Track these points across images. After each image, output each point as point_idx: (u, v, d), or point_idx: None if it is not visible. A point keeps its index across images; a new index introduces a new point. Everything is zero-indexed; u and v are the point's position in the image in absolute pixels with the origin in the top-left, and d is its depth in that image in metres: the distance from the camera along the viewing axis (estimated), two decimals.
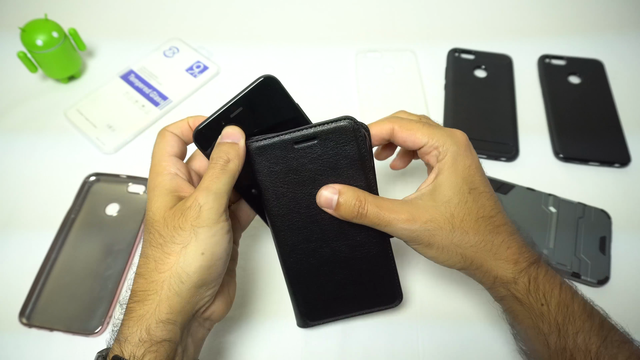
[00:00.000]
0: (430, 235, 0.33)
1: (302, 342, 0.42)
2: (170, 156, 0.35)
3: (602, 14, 0.67)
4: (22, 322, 0.42)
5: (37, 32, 0.52)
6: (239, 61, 0.61)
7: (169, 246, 0.30)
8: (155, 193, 0.33)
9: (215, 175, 0.32)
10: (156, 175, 0.34)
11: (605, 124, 0.54)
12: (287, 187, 0.34)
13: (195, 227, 0.30)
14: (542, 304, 0.32)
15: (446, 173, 0.34)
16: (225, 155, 0.32)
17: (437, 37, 0.64)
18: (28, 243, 0.47)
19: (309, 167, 0.34)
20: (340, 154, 0.34)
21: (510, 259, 0.33)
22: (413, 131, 0.35)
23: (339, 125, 0.33)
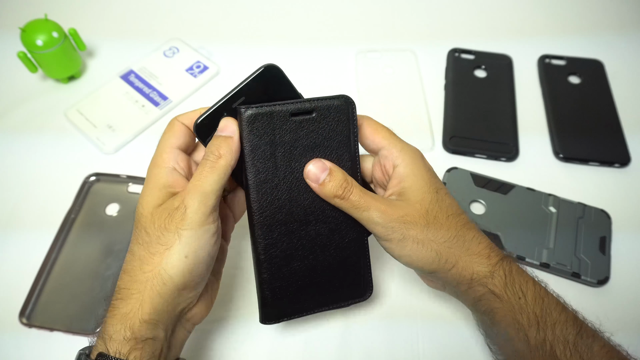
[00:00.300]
0: (406, 228, 0.33)
1: (302, 342, 0.42)
2: (173, 148, 0.34)
3: (602, 14, 0.67)
4: (22, 322, 0.42)
5: (37, 32, 0.52)
6: (239, 61, 0.61)
7: (153, 246, 0.30)
8: (148, 186, 0.32)
9: (205, 173, 0.31)
10: (154, 167, 0.33)
11: (605, 124, 0.55)
12: (273, 161, 0.33)
13: (179, 230, 0.30)
14: (520, 297, 0.32)
15: (412, 176, 0.35)
16: (217, 150, 0.32)
17: (437, 37, 0.64)
18: (28, 243, 0.47)
19: (301, 142, 0.34)
20: (334, 130, 0.34)
21: (482, 254, 0.34)
22: (377, 131, 0.36)
23: (337, 103, 0.34)
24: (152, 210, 0.31)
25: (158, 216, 0.30)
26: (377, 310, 0.43)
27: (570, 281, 0.44)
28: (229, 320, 0.42)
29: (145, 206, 0.31)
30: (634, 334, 0.42)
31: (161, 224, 0.30)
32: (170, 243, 0.30)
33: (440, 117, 0.56)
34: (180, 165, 0.34)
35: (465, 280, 0.34)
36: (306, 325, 0.42)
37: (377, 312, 0.43)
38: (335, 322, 0.42)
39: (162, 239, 0.30)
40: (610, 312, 0.43)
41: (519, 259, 0.45)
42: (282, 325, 0.42)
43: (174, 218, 0.30)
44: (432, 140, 0.54)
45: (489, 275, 0.33)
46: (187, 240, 0.30)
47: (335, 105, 0.34)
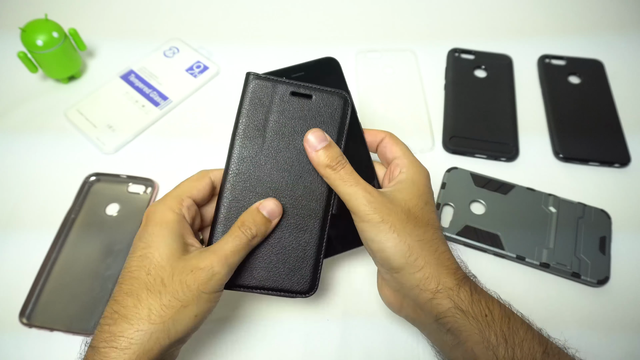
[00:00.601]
0: (387, 213, 0.33)
1: (302, 342, 0.42)
2: (189, 198, 0.35)
3: (602, 14, 0.67)
4: (22, 322, 0.42)
5: (37, 32, 0.52)
6: (239, 61, 0.61)
7: (168, 299, 0.30)
8: (162, 232, 0.32)
9: (238, 248, 0.32)
10: (166, 209, 0.33)
11: (605, 124, 0.55)
12: (262, 132, 0.36)
13: (201, 292, 0.30)
14: (486, 315, 0.32)
15: (407, 182, 0.36)
16: (256, 229, 0.33)
17: (437, 37, 0.64)
18: (28, 243, 0.47)
19: (293, 121, 0.36)
20: (326, 121, 0.36)
21: (450, 268, 0.34)
22: (396, 144, 0.39)
23: (336, 94, 0.37)
24: (172, 261, 0.31)
25: (179, 271, 0.31)
26: (377, 310, 0.43)
27: (570, 281, 0.44)
28: (229, 320, 0.42)
29: (163, 255, 0.31)
30: (634, 334, 0.42)
31: (182, 280, 0.30)
32: (188, 302, 0.30)
33: (440, 117, 0.56)
34: (190, 216, 0.34)
35: (430, 287, 0.33)
36: (306, 325, 0.42)
37: (377, 312, 0.43)
38: (335, 322, 0.42)
39: (180, 295, 0.30)
40: (610, 312, 0.43)
41: (519, 259, 0.45)
42: (281, 324, 0.42)
43: (198, 279, 0.30)
44: (432, 140, 0.54)
45: (455, 288, 0.32)
46: (204, 302, 0.31)
47: (334, 95, 0.37)
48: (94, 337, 0.30)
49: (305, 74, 0.39)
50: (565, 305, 0.43)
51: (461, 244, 0.46)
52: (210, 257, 0.31)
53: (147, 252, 0.31)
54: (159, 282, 0.30)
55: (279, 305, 0.43)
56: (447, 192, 0.49)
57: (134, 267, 0.31)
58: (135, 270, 0.31)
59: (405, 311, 0.36)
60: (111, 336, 0.29)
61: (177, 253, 0.31)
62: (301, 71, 0.39)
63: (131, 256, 0.32)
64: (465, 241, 0.46)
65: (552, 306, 0.43)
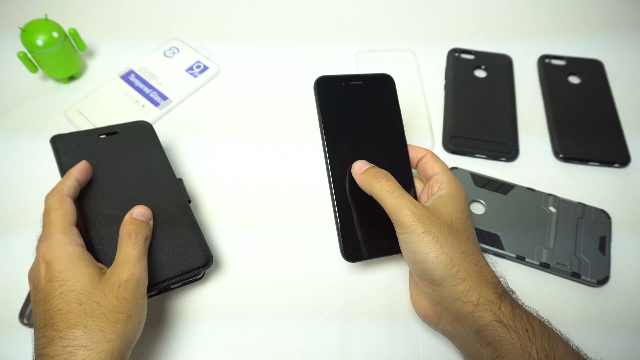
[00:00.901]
0: (431, 224, 0.35)
1: (301, 341, 0.42)
2: (72, 226, 0.36)
3: (602, 14, 0.67)
4: (22, 322, 0.42)
5: (37, 32, 0.52)
6: (239, 61, 0.61)
7: (114, 315, 0.31)
8: (73, 265, 0.33)
9: (141, 252, 0.35)
10: (65, 245, 0.34)
11: (605, 124, 0.55)
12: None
13: (137, 299, 0.33)
14: (527, 329, 0.32)
15: (449, 196, 0.38)
16: (144, 232, 0.37)
17: (437, 37, 0.64)
18: (28, 243, 0.46)
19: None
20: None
21: (491, 282, 0.34)
22: (437, 161, 0.41)
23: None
24: (97, 285, 0.33)
25: (109, 290, 0.32)
26: (377, 310, 0.43)
27: (570, 281, 0.44)
28: (229, 320, 0.42)
29: (87, 283, 0.32)
30: (634, 333, 0.42)
31: (117, 295, 0.32)
32: (130, 311, 0.32)
33: (440, 117, 0.56)
34: (82, 242, 0.36)
35: (471, 300, 0.33)
36: (306, 325, 0.42)
37: (377, 312, 0.43)
38: (335, 322, 0.42)
39: (122, 308, 0.32)
40: (610, 312, 0.43)
41: (518, 259, 0.45)
42: (281, 324, 0.42)
43: (129, 289, 0.33)
44: (432, 140, 0.54)
45: (497, 302, 0.33)
46: (141, 307, 0.34)
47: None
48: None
49: (363, 83, 0.42)
50: (565, 305, 0.43)
51: None
52: (127, 267, 0.34)
53: (67, 287, 0.32)
54: (96, 305, 0.31)
55: (279, 305, 0.43)
56: None
57: (59, 304, 0.31)
58: (65, 306, 0.31)
59: (442, 325, 0.36)
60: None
61: (96, 277, 0.33)
62: (360, 80, 0.42)
63: (48, 299, 0.32)
64: None
65: (552, 306, 0.43)
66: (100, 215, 0.40)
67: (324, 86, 0.42)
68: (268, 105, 0.57)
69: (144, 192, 0.42)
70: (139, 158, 0.45)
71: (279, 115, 0.56)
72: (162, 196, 0.42)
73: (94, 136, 0.45)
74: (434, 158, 0.41)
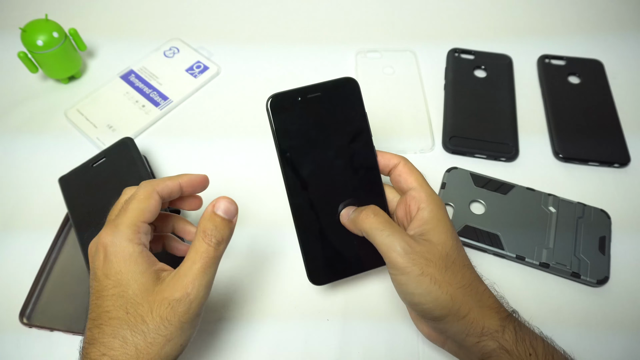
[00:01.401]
0: (426, 264, 0.33)
1: (302, 341, 0.42)
2: (144, 224, 0.33)
3: (602, 14, 0.67)
4: (22, 322, 0.42)
5: (37, 32, 0.52)
6: (239, 61, 0.61)
7: (152, 336, 0.29)
8: (129, 268, 0.31)
9: (207, 264, 0.31)
10: (127, 242, 0.31)
11: (605, 124, 0.54)
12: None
13: (183, 323, 0.30)
14: (530, 354, 0.31)
15: (435, 220, 0.35)
16: (220, 235, 0.32)
17: (437, 37, 0.64)
18: (28, 243, 0.47)
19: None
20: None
21: (493, 307, 0.33)
22: (412, 172, 0.38)
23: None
24: (147, 297, 0.30)
25: (157, 306, 0.30)
26: (377, 310, 0.43)
27: (570, 281, 0.44)
28: (229, 320, 0.42)
29: (137, 292, 0.30)
30: (634, 333, 0.42)
31: (162, 315, 0.30)
32: (171, 335, 0.30)
33: (440, 117, 0.56)
34: (148, 241, 0.33)
35: (475, 332, 0.32)
36: (306, 325, 0.42)
37: (377, 312, 0.43)
38: (335, 322, 0.42)
39: (162, 330, 0.30)
40: (609, 312, 0.43)
41: (518, 259, 0.45)
42: (281, 324, 0.42)
43: (177, 311, 0.30)
44: (432, 140, 0.54)
45: (500, 330, 0.32)
46: (187, 331, 0.31)
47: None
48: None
49: (321, 94, 0.37)
50: (565, 305, 0.43)
51: None
52: (183, 284, 0.30)
53: (120, 291, 0.30)
54: (140, 320, 0.30)
55: (279, 305, 0.43)
56: (447, 192, 0.49)
57: (109, 307, 0.30)
58: (113, 310, 0.30)
59: (448, 347, 0.36)
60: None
61: (149, 287, 0.30)
62: (318, 91, 0.37)
63: (102, 295, 0.31)
64: (465, 241, 0.46)
65: (552, 306, 0.43)
66: None
67: (278, 105, 0.36)
68: None
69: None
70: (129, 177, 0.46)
71: None
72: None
73: (88, 168, 0.47)
74: (408, 168, 0.38)
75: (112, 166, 0.47)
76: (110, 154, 0.48)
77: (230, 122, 0.56)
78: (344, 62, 0.61)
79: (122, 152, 0.48)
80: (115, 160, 0.48)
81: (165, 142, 0.54)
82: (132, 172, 0.46)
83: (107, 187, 0.46)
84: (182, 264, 0.31)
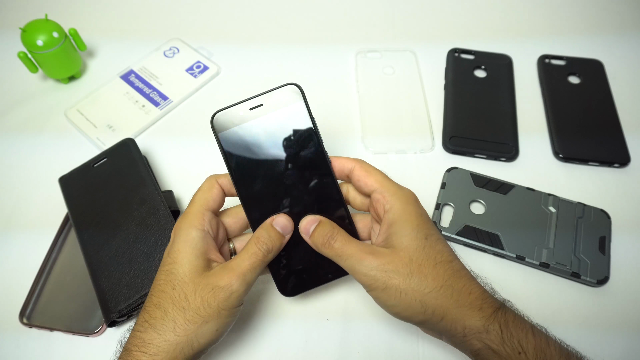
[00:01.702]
0: (388, 277, 0.32)
1: (302, 341, 0.42)
2: (208, 211, 0.36)
3: (602, 14, 0.67)
4: (22, 322, 0.42)
5: (37, 32, 0.52)
6: (239, 61, 0.61)
7: (191, 314, 0.32)
8: (186, 250, 0.34)
9: (255, 265, 0.34)
10: (190, 227, 0.35)
11: (605, 124, 0.54)
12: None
13: (221, 309, 0.32)
14: (520, 352, 0.31)
15: (399, 222, 0.34)
16: (271, 244, 0.35)
17: (437, 37, 0.64)
18: (28, 243, 0.47)
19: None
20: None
21: (474, 305, 0.32)
22: (369, 173, 0.36)
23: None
24: (194, 278, 0.33)
25: (201, 288, 0.32)
26: (378, 311, 0.43)
27: (570, 281, 0.44)
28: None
29: (187, 272, 0.33)
30: (634, 333, 0.42)
31: (204, 296, 0.32)
32: (209, 317, 0.32)
33: (440, 117, 0.56)
34: (213, 229, 0.36)
35: (457, 333, 0.32)
36: (306, 325, 0.42)
37: (377, 312, 0.43)
38: (335, 322, 0.42)
39: (201, 311, 0.32)
40: (609, 312, 0.43)
41: (518, 259, 0.45)
42: (281, 324, 0.42)
43: (218, 296, 0.32)
44: (432, 140, 0.54)
45: (484, 330, 0.31)
46: (223, 317, 0.33)
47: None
48: (128, 340, 0.33)
49: (264, 105, 0.36)
50: (565, 305, 0.43)
51: (461, 244, 0.46)
52: (229, 275, 0.33)
53: (173, 268, 0.33)
54: (183, 297, 0.32)
55: (278, 305, 0.43)
56: (447, 192, 0.49)
57: (162, 280, 0.34)
58: (163, 283, 0.33)
59: (444, 340, 0.36)
60: (142, 342, 0.32)
61: (199, 270, 0.33)
62: (261, 103, 0.36)
63: (160, 269, 0.34)
64: (465, 241, 0.46)
65: (552, 306, 0.43)
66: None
67: (221, 122, 0.36)
68: None
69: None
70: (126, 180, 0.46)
71: None
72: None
73: (89, 168, 0.47)
74: (365, 170, 0.36)
75: (113, 167, 0.47)
76: (111, 155, 0.48)
77: None
78: (343, 62, 0.61)
79: (124, 153, 0.48)
80: (116, 161, 0.48)
81: (165, 142, 0.54)
82: (133, 173, 0.46)
83: (108, 187, 0.46)
84: (232, 260, 0.34)
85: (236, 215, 0.38)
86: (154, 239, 0.42)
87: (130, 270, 0.41)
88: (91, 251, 0.43)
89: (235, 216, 0.38)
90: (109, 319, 0.40)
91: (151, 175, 0.47)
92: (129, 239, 0.42)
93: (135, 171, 0.46)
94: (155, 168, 0.52)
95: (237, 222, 0.38)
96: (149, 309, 0.33)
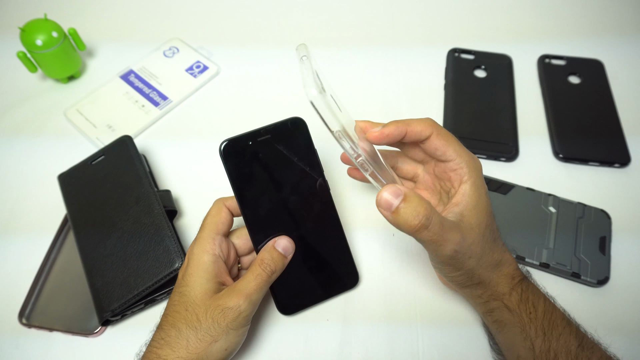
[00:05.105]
0: (467, 257, 0.34)
1: (302, 341, 0.42)
2: (218, 235, 0.38)
3: (602, 14, 0.67)
4: (21, 322, 0.42)
5: (36, 32, 0.52)
6: (239, 61, 0.61)
7: (202, 334, 0.34)
8: (198, 273, 0.36)
9: (260, 285, 0.36)
10: (202, 252, 0.37)
11: (605, 124, 0.54)
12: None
13: (229, 329, 0.35)
14: (530, 312, 0.35)
15: (475, 197, 0.35)
16: (274, 265, 0.37)
17: (437, 37, 0.64)
18: (28, 243, 0.47)
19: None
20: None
21: (509, 275, 0.36)
22: (449, 143, 0.35)
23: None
24: (205, 300, 0.35)
25: (212, 310, 0.35)
26: (377, 311, 0.43)
27: (570, 281, 0.44)
28: None
29: (198, 295, 0.35)
30: (634, 334, 0.42)
31: (214, 317, 0.35)
32: (218, 336, 0.35)
33: (440, 117, 0.56)
34: (224, 252, 0.38)
35: (485, 295, 0.37)
36: (306, 325, 0.42)
37: (377, 312, 0.43)
38: (335, 322, 0.42)
39: (211, 331, 0.34)
40: (609, 312, 0.43)
41: (518, 259, 0.45)
42: (282, 324, 0.42)
43: (227, 316, 0.35)
44: None
45: (508, 293, 0.36)
46: (232, 336, 0.35)
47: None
48: (144, 355, 0.35)
49: (271, 136, 0.38)
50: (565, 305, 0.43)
51: None
52: (237, 296, 0.35)
53: (186, 290, 0.36)
54: (195, 318, 0.35)
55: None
56: None
57: (176, 300, 0.36)
58: (177, 304, 0.36)
59: (460, 293, 0.41)
60: (157, 357, 0.34)
61: (209, 292, 0.36)
62: (268, 134, 0.38)
63: (175, 290, 0.37)
64: None
65: None
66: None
67: (230, 150, 0.38)
68: (267, 105, 0.57)
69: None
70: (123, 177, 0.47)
71: (279, 115, 0.56)
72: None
73: (87, 165, 0.48)
74: (444, 140, 0.35)
75: (110, 164, 0.47)
76: (108, 152, 0.48)
77: (230, 122, 0.55)
78: (343, 63, 0.61)
79: (121, 151, 0.48)
80: (113, 158, 0.48)
81: (164, 142, 0.54)
82: (130, 170, 0.46)
83: (105, 185, 0.46)
84: (238, 281, 0.36)
85: (245, 237, 0.40)
86: (148, 238, 0.42)
87: (124, 270, 0.41)
88: (87, 250, 0.43)
89: (244, 237, 0.41)
90: (102, 318, 0.40)
91: (147, 173, 0.47)
92: (124, 237, 0.42)
93: (132, 169, 0.46)
94: (155, 167, 0.52)
95: (246, 243, 0.41)
96: (164, 328, 0.35)
